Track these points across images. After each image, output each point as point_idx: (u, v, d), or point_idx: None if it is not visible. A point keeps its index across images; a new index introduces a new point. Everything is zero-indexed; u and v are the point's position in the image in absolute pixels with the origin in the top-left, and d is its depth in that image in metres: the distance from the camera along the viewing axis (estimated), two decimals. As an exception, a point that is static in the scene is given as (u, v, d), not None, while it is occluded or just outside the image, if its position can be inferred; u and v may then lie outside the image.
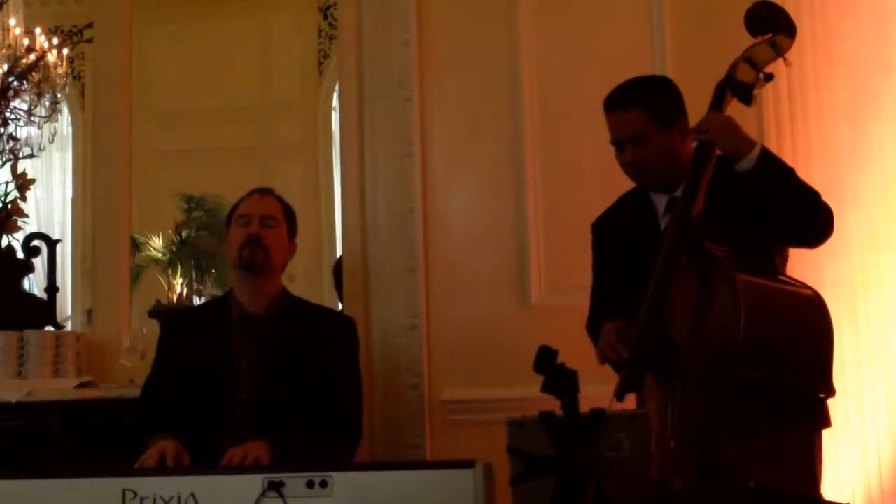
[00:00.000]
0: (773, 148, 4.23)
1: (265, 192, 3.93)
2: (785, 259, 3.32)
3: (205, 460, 3.41)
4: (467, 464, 2.81)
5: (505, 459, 2.76)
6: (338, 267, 5.49)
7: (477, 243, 4.70)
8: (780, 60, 3.22)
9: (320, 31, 11.01)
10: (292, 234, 3.92)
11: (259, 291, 3.82)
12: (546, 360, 2.63)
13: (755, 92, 3.22)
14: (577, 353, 2.84)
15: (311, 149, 11.06)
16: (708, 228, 3.05)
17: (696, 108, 3.35)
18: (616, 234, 3.53)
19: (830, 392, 2.96)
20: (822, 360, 2.94)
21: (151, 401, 3.79)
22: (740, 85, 3.21)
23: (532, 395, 2.76)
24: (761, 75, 3.21)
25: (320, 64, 11.07)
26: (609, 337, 3.19)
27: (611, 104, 3.39)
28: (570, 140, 4.59)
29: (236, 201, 3.94)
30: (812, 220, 3.14)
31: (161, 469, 3.27)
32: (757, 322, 2.84)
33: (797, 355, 2.91)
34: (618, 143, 3.37)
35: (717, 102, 3.22)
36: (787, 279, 3.10)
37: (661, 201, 3.36)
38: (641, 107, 3.31)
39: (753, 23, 3.24)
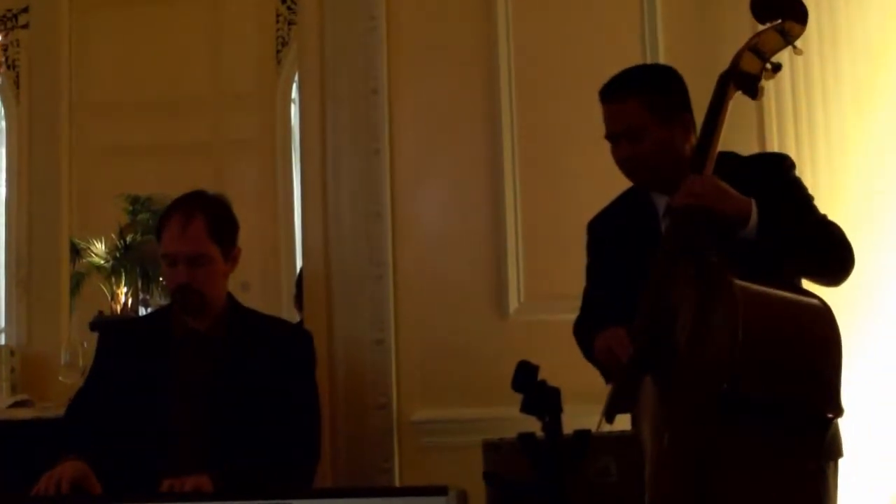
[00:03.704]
0: (775, 146, 4.28)
1: (188, 217, 3.71)
2: None
3: (145, 490, 3.39)
4: (440, 490, 2.81)
5: (481, 485, 2.77)
6: (301, 280, 5.47)
7: (450, 249, 4.69)
8: (790, 49, 3.20)
9: (278, 15, 11.01)
10: (229, 247, 3.81)
11: None
12: (526, 377, 2.63)
13: (761, 84, 3.21)
14: (560, 369, 2.84)
15: (267, 145, 11.05)
16: (706, 233, 3.04)
17: (693, 103, 3.34)
18: (613, 235, 3.52)
19: (838, 411, 2.96)
20: (829, 375, 2.94)
21: (76, 418, 3.76)
22: (745, 76, 3.18)
23: (510, 416, 2.76)
24: (768, 65, 3.19)
25: (278, 52, 11.07)
26: (610, 340, 3.19)
27: (605, 95, 3.36)
28: (553, 137, 4.59)
29: (161, 217, 3.84)
30: (831, 270, 3.15)
31: (107, 497, 3.26)
32: (756, 334, 2.83)
33: (800, 370, 2.90)
34: (612, 137, 3.35)
35: (718, 102, 3.18)
36: (792, 287, 3.09)
37: (661, 201, 3.33)
38: (637, 98, 3.27)
39: (760, 8, 3.22)
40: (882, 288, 4.27)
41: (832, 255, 3.13)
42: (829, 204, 3.34)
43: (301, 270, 5.62)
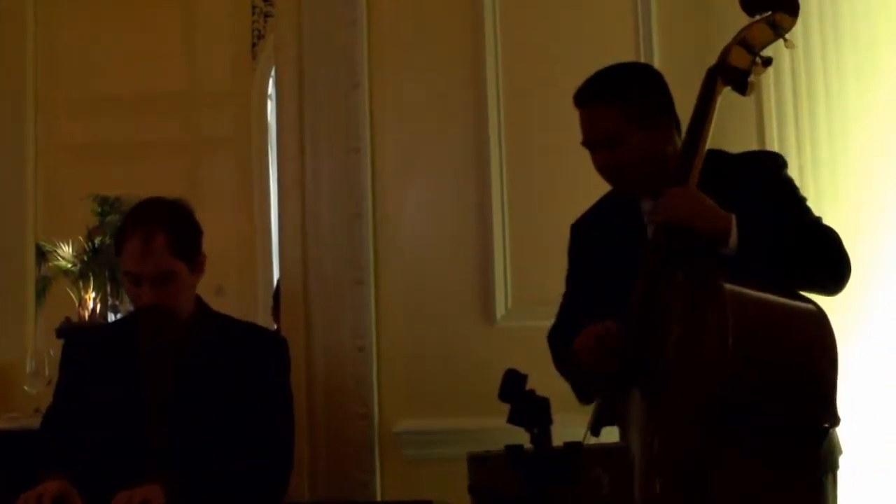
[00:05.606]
0: (775, 144, 4.29)
1: (148, 235, 3.63)
2: None
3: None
4: (423, 505, 2.82)
5: (466, 499, 2.77)
6: (278, 291, 5.46)
7: (434, 252, 4.68)
8: (781, 42, 3.20)
9: (254, 7, 11.00)
10: (194, 258, 3.75)
11: None
12: (513, 387, 2.63)
13: (751, 79, 3.20)
14: (549, 378, 2.85)
15: (243, 143, 11.05)
16: (695, 237, 3.03)
17: (690, 101, 3.29)
18: (597, 238, 3.50)
19: (834, 420, 2.96)
20: (823, 382, 2.94)
21: (50, 434, 3.76)
22: (733, 71, 3.17)
23: (497, 427, 2.76)
24: (758, 59, 3.19)
25: (254, 46, 11.07)
26: (590, 341, 3.16)
27: (580, 100, 3.34)
28: (542, 136, 4.58)
29: (118, 231, 3.78)
30: (822, 282, 3.12)
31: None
32: (748, 340, 2.84)
33: (794, 377, 2.91)
34: (589, 144, 3.34)
35: (706, 98, 3.17)
36: (786, 291, 3.10)
37: (647, 204, 3.33)
38: (614, 103, 3.25)
39: (749, 0, 3.22)
40: (884, 289, 4.25)
41: (823, 267, 3.11)
42: (831, 203, 3.35)
43: (278, 282, 5.60)
